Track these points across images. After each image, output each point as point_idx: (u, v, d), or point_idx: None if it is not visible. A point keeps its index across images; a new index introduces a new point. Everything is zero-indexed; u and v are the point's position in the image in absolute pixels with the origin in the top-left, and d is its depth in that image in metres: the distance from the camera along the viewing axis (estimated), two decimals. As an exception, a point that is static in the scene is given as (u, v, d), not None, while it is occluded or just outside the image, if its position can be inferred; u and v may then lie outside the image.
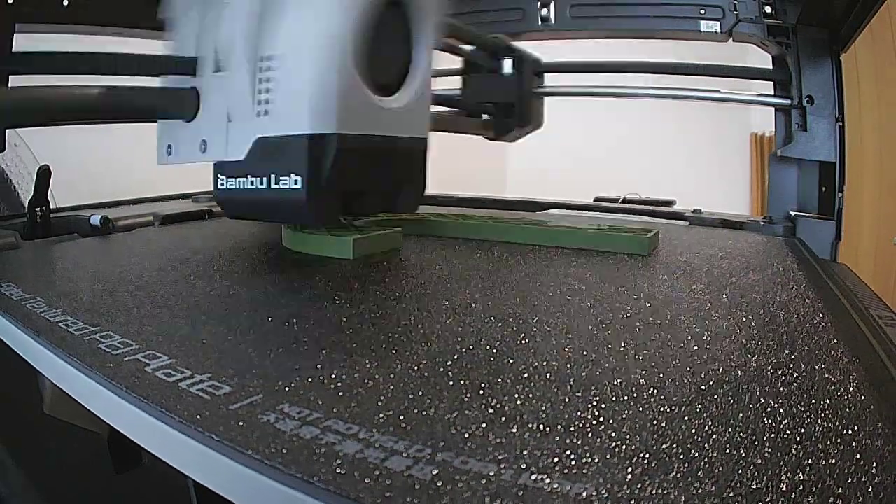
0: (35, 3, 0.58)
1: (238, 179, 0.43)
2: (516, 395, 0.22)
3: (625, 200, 0.98)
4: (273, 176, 0.41)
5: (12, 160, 0.70)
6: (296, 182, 0.40)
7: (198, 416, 0.20)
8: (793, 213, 0.71)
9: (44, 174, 0.56)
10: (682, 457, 0.18)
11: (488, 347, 0.27)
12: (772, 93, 0.75)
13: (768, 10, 0.71)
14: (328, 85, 0.39)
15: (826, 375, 0.24)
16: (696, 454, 0.18)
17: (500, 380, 0.24)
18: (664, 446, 0.18)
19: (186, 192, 0.86)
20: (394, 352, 0.27)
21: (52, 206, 0.59)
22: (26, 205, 0.57)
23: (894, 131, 0.97)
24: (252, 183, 0.42)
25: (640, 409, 0.21)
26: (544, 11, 0.81)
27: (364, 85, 0.41)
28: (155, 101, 0.45)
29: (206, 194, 0.84)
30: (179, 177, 0.72)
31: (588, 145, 2.37)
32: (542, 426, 0.20)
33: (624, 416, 0.20)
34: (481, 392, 0.22)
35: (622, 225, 0.56)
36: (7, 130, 0.66)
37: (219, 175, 0.45)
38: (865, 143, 1.01)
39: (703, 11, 0.72)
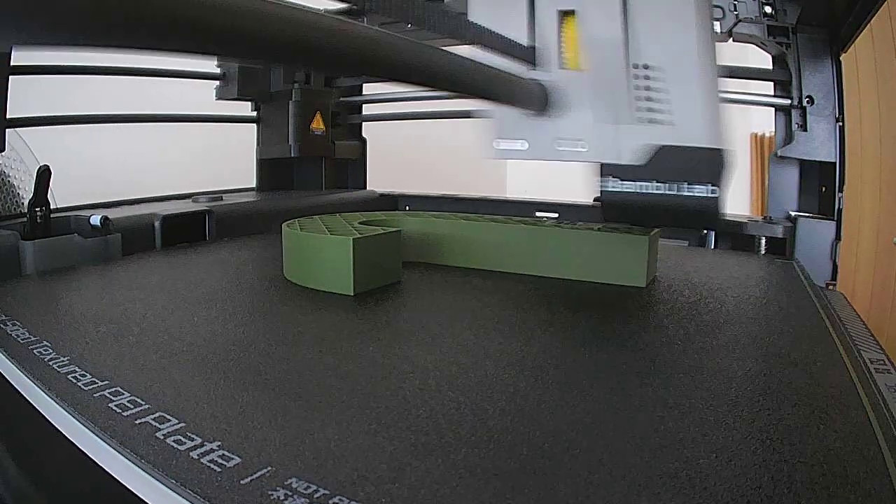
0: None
1: (638, 183, 0.45)
2: (510, 477, 0.22)
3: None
4: (685, 184, 0.44)
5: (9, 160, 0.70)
6: (712, 192, 0.43)
7: (209, 493, 0.20)
8: (793, 214, 0.71)
9: (43, 174, 0.56)
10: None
11: (486, 409, 0.27)
12: (772, 93, 0.75)
13: (768, 10, 0.71)
14: (716, 105, 0.42)
15: (811, 444, 0.24)
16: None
17: (495, 458, 0.23)
18: None
19: (186, 192, 0.86)
20: (395, 416, 0.27)
21: (52, 206, 0.59)
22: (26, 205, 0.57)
23: (894, 131, 0.97)
24: (658, 189, 0.44)
25: (622, 492, 0.21)
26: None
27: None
28: (516, 88, 0.42)
29: (205, 194, 0.84)
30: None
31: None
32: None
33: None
34: (479, 471, 0.22)
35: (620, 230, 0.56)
36: (7, 130, 0.66)
37: (610, 177, 0.46)
38: (865, 143, 1.01)
39: (702, 11, 0.71)
